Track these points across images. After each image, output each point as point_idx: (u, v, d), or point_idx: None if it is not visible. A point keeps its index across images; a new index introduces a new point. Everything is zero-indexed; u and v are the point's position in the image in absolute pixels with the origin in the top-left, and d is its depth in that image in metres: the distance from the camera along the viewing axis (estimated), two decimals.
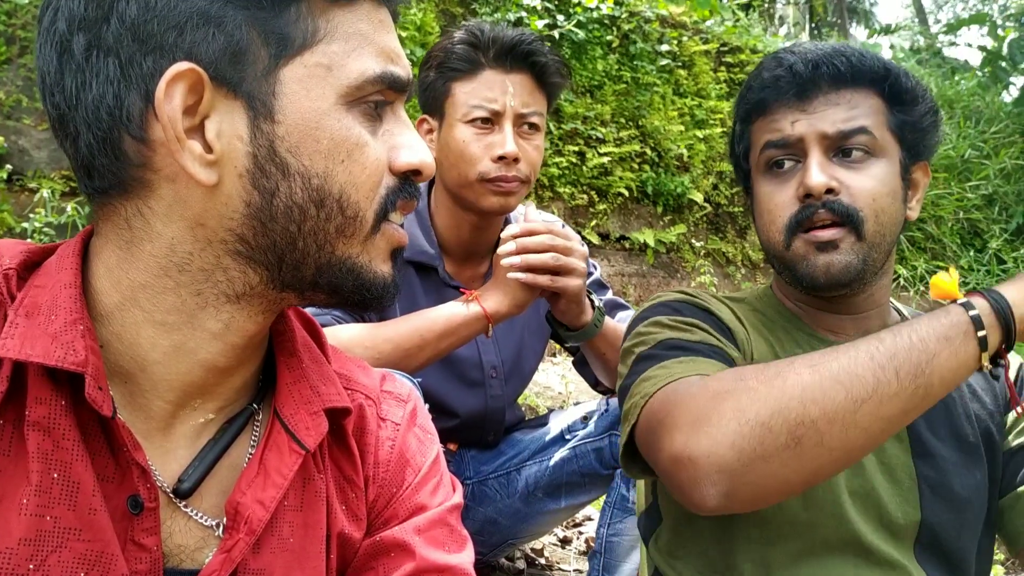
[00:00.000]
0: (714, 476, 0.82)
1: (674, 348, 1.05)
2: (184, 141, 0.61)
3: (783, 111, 1.12)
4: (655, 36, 6.01)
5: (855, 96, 1.10)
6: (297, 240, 0.65)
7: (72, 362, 0.61)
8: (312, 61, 0.64)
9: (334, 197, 0.65)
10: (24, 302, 0.64)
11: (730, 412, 0.83)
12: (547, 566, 2.18)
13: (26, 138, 3.70)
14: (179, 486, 0.68)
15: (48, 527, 0.60)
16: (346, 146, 0.65)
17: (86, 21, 0.61)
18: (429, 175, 0.71)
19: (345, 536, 0.77)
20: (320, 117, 0.64)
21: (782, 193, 1.12)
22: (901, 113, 1.12)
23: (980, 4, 20.47)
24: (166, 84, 0.60)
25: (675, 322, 1.11)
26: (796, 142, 1.10)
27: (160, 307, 0.66)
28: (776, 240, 1.12)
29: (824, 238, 1.07)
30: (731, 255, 6.34)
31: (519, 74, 1.55)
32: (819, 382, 0.83)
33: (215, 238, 0.65)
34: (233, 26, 0.61)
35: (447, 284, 1.65)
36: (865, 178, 1.08)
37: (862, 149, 1.09)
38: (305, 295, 0.69)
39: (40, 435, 0.61)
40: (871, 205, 1.07)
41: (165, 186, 0.64)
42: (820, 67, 1.10)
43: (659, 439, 0.90)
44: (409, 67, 0.71)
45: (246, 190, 0.63)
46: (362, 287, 0.69)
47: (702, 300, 1.17)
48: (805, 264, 1.09)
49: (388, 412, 0.83)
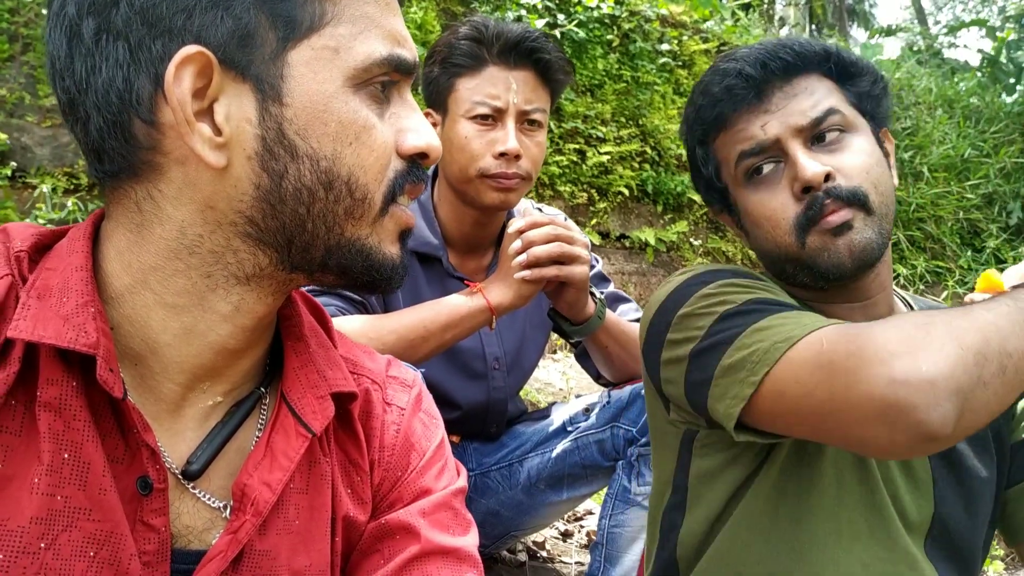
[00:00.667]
0: (952, 397, 0.80)
1: (772, 304, 1.01)
2: (194, 124, 0.62)
3: (747, 117, 1.10)
4: (655, 35, 6.02)
5: (808, 82, 1.10)
6: (306, 222, 0.66)
7: (84, 344, 0.61)
8: (320, 44, 0.64)
9: (343, 179, 0.65)
10: (36, 284, 0.64)
11: (947, 339, 0.82)
12: (548, 559, 2.18)
13: (29, 135, 3.71)
14: (188, 467, 0.69)
15: (59, 506, 0.61)
16: (354, 128, 0.65)
17: (95, 5, 0.62)
18: (436, 158, 0.72)
19: (350, 519, 0.78)
20: (328, 99, 0.64)
21: (775, 196, 1.09)
22: (852, 87, 1.12)
23: (980, 6, 20.47)
24: (175, 67, 0.61)
25: (747, 284, 1.07)
26: (772, 144, 1.09)
27: (170, 289, 0.66)
28: (786, 243, 1.09)
29: (837, 221, 1.05)
30: (731, 254, 6.35)
31: (523, 70, 1.56)
32: (1003, 321, 0.85)
33: (225, 220, 0.65)
34: (241, 9, 0.62)
35: (451, 275, 1.65)
36: (851, 155, 1.07)
37: (836, 129, 1.08)
38: (315, 276, 0.70)
39: (51, 416, 0.61)
40: (867, 178, 1.07)
41: (175, 169, 0.64)
42: (768, 64, 1.09)
43: (860, 370, 0.84)
44: (415, 50, 0.71)
45: (255, 172, 0.64)
46: (371, 268, 0.70)
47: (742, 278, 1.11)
48: (827, 254, 1.06)
49: (393, 397, 0.84)
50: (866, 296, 1.14)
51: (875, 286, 1.13)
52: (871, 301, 1.14)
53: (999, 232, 6.82)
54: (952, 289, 6.08)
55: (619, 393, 1.66)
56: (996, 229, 6.73)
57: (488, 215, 1.63)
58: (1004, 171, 6.82)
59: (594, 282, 1.73)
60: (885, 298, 1.16)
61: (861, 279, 1.11)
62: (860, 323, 0.92)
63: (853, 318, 1.14)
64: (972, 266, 6.87)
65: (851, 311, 1.14)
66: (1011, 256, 6.77)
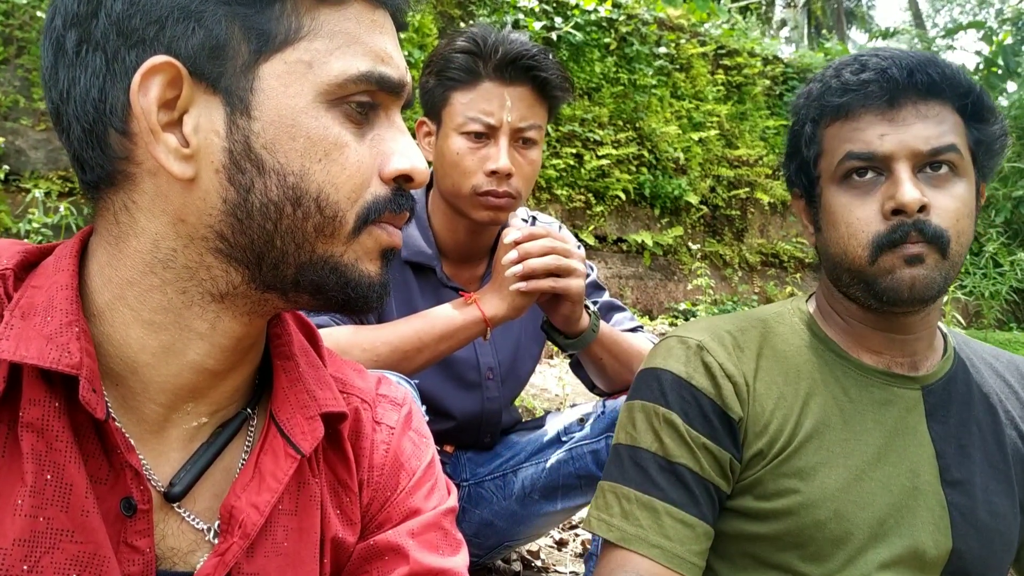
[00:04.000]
0: None
1: (662, 472, 1.08)
2: (159, 134, 0.62)
3: (869, 119, 1.06)
4: (653, 39, 6.02)
5: (942, 110, 1.06)
6: (275, 238, 0.65)
7: (67, 364, 0.61)
8: (293, 58, 0.63)
9: (311, 196, 0.64)
10: (20, 303, 0.64)
11: None
12: (543, 568, 2.18)
13: (23, 139, 3.70)
14: (170, 489, 0.68)
15: (41, 528, 0.60)
16: (323, 145, 0.64)
17: (78, 17, 0.63)
18: (422, 182, 0.70)
19: (339, 540, 0.77)
20: (296, 114, 0.63)
21: (865, 207, 1.06)
22: (978, 132, 1.09)
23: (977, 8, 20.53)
24: (141, 77, 0.61)
25: (678, 435, 1.09)
26: (883, 157, 1.05)
27: (147, 305, 0.66)
28: (858, 255, 1.07)
29: (913, 252, 1.03)
30: (728, 257, 6.35)
31: (519, 87, 1.53)
32: None
33: (196, 235, 0.65)
34: (213, 21, 0.62)
35: (445, 285, 1.65)
36: (950, 199, 1.05)
37: (949, 166, 1.05)
38: (288, 296, 0.68)
39: (34, 436, 0.61)
40: (955, 226, 1.04)
41: (147, 179, 0.64)
42: (915, 75, 1.04)
43: None
44: (405, 69, 0.69)
45: (223, 186, 0.63)
46: (346, 286, 0.68)
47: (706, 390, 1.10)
48: (890, 278, 1.05)
49: (383, 416, 0.83)
50: (909, 332, 1.13)
51: (921, 324, 1.13)
52: (914, 337, 1.14)
53: (997, 236, 6.83)
54: (951, 294, 6.09)
55: (614, 403, 1.66)
56: (995, 233, 6.74)
57: (481, 227, 1.62)
58: (1000, 175, 6.83)
59: (589, 291, 1.72)
60: (928, 335, 1.16)
61: (911, 314, 1.11)
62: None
63: (890, 350, 1.14)
64: (970, 270, 6.88)
65: (890, 342, 1.14)
66: (1010, 262, 6.78)
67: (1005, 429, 1.15)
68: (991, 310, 7.11)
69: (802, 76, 7.25)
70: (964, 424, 1.13)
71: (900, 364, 1.14)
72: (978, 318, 7.42)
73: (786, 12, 16.78)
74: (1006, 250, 6.88)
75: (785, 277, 6.75)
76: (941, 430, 1.11)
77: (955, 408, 1.14)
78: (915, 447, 1.10)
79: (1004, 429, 1.15)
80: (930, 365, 1.16)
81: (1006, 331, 7.29)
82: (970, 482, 1.10)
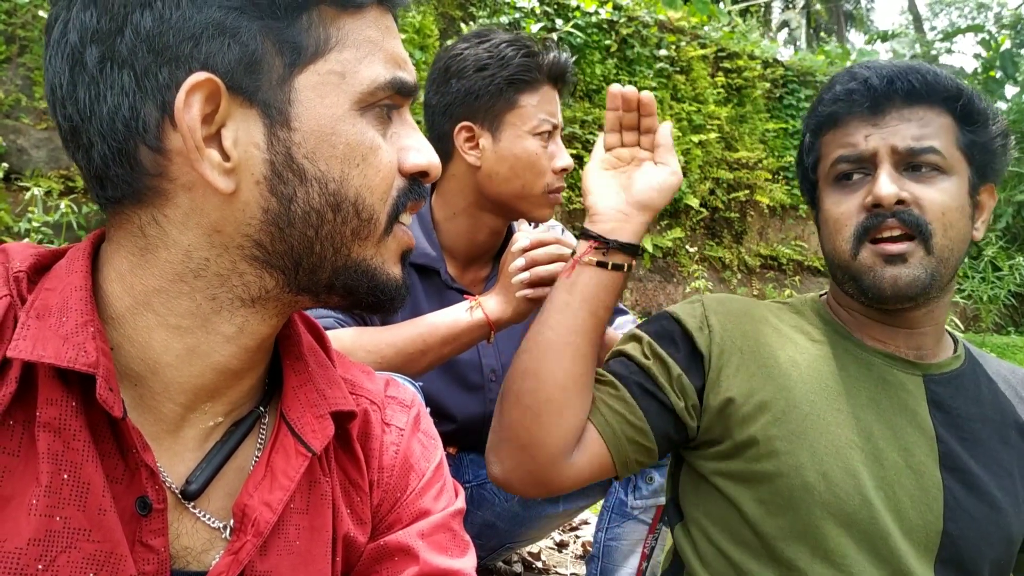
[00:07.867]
0: None
1: (624, 365, 1.19)
2: (203, 150, 0.62)
3: (855, 124, 1.14)
4: (653, 41, 6.03)
5: (928, 114, 1.11)
6: (315, 244, 0.66)
7: (83, 363, 0.61)
8: (325, 69, 0.65)
9: (350, 200, 0.66)
10: (35, 304, 0.64)
11: None
12: (544, 570, 2.18)
13: (25, 137, 3.70)
14: (187, 488, 0.69)
15: (57, 527, 0.60)
16: (361, 150, 0.66)
17: (99, 33, 0.62)
18: (436, 176, 0.73)
19: (351, 539, 0.78)
20: (335, 123, 0.65)
21: (848, 202, 1.13)
22: (971, 133, 1.13)
23: (975, 11, 20.56)
24: (185, 94, 0.61)
25: (644, 349, 1.19)
26: (868, 156, 1.12)
27: (174, 311, 0.66)
28: (843, 249, 1.14)
29: (894, 251, 1.09)
30: (727, 260, 6.36)
31: (560, 89, 1.65)
32: None
33: (232, 244, 0.65)
34: (248, 36, 0.62)
35: (449, 287, 1.65)
36: (935, 192, 1.09)
37: (932, 167, 1.10)
38: (320, 297, 0.71)
39: (51, 436, 0.61)
40: (940, 219, 1.09)
41: (182, 195, 0.64)
42: (895, 82, 1.11)
43: None
44: (414, 72, 0.73)
45: (264, 197, 0.64)
46: (376, 288, 0.70)
47: (684, 322, 1.21)
48: (872, 275, 1.10)
49: (392, 417, 0.84)
50: (912, 326, 1.17)
51: (925, 319, 1.17)
52: (918, 331, 1.18)
53: (996, 240, 6.85)
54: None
55: None
56: (993, 237, 6.75)
57: (501, 229, 1.67)
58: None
59: None
60: (935, 331, 1.19)
61: (911, 310, 1.15)
62: None
63: (895, 341, 1.18)
64: (969, 274, 6.89)
65: (894, 334, 1.18)
66: (1008, 266, 6.80)
67: (1012, 434, 1.17)
68: (989, 314, 7.13)
69: (802, 79, 7.27)
70: (970, 419, 1.15)
71: (904, 353, 1.18)
72: (976, 322, 7.44)
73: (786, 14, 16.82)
74: (1005, 254, 6.90)
75: (784, 280, 6.76)
76: (944, 418, 1.14)
77: (961, 402, 1.16)
78: (913, 428, 1.12)
79: (1011, 433, 1.17)
80: (936, 358, 1.19)
81: (1004, 335, 7.31)
82: (970, 472, 1.11)
